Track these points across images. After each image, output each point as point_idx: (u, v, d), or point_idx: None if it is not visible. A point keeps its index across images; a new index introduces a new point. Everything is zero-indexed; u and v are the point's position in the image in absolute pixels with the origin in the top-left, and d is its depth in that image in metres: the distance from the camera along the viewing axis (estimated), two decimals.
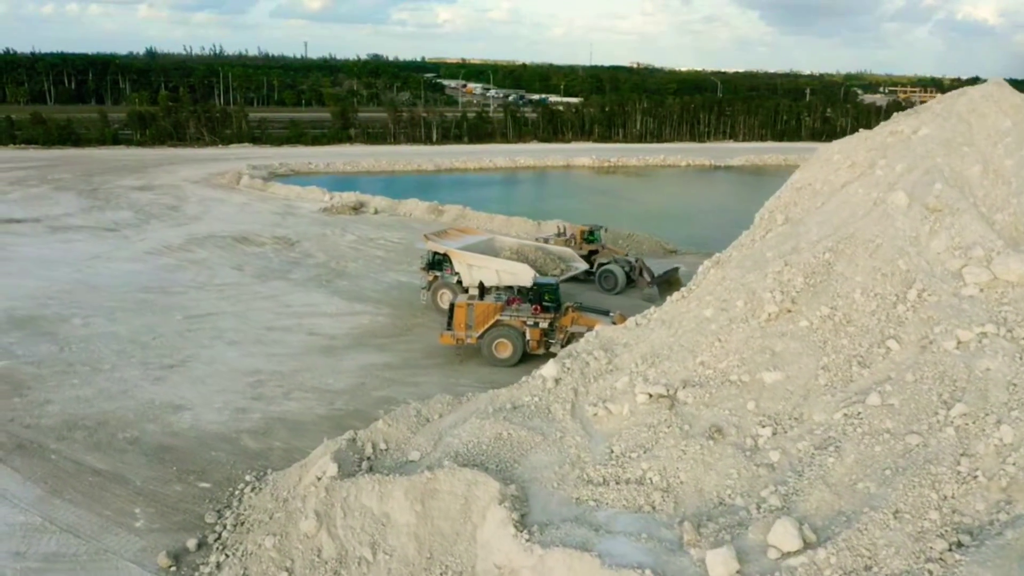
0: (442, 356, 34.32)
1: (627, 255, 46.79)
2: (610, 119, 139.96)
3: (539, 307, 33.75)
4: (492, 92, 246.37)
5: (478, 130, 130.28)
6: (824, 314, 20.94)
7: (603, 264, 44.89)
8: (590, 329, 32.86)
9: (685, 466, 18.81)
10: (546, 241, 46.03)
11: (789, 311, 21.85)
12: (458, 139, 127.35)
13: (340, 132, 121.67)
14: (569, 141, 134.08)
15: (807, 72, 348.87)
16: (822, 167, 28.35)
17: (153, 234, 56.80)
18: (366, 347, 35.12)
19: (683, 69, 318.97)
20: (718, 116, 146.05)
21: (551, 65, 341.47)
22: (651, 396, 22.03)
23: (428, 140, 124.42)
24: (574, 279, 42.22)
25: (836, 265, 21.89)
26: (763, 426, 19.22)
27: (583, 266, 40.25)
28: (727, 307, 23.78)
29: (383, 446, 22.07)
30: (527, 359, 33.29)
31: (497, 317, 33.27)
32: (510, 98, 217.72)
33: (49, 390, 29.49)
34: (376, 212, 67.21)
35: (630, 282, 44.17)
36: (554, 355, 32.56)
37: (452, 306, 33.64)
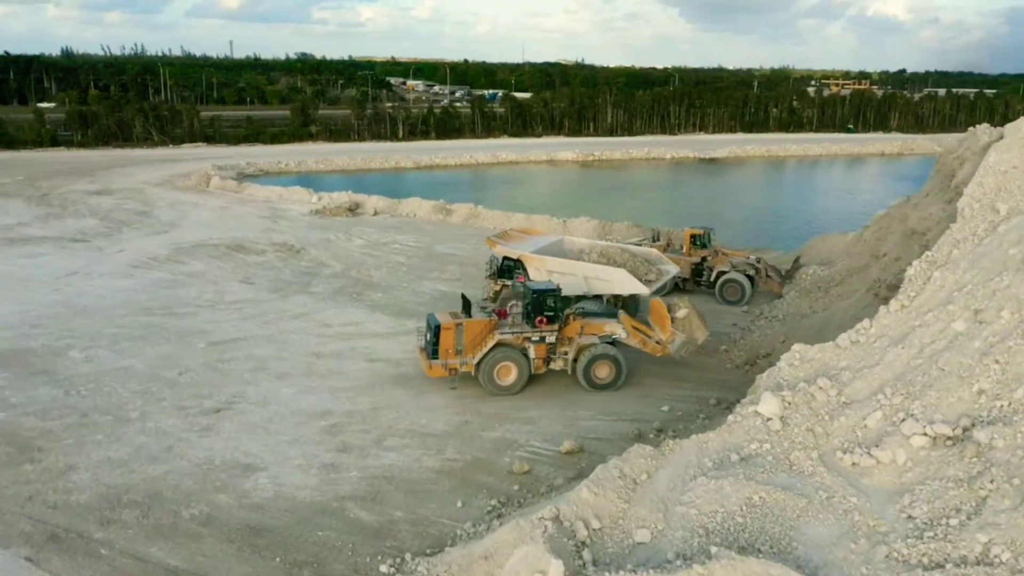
0: (541, 381, 28.50)
1: (747, 257, 40.96)
2: (580, 113, 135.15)
3: (544, 318, 27.69)
4: (437, 88, 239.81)
5: (446, 125, 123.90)
6: None
7: (723, 273, 39.21)
8: (604, 337, 28.17)
9: None
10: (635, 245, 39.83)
11: None
12: (425, 135, 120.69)
13: (300, 129, 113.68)
14: (540, 136, 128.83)
15: (731, 68, 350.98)
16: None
17: (130, 244, 49.15)
18: (436, 383, 28.75)
19: (612, 66, 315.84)
20: (688, 108, 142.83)
21: (485, 63, 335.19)
22: (933, 438, 16.87)
23: (394, 136, 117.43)
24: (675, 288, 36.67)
25: None
26: None
27: (674, 269, 34.83)
28: (986, 319, 18.77)
29: (596, 524, 16.28)
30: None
31: (496, 336, 27.14)
32: (456, 94, 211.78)
33: (68, 451, 22.62)
34: (376, 213, 60.64)
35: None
36: (556, 371, 27.63)
37: (437, 329, 26.92)
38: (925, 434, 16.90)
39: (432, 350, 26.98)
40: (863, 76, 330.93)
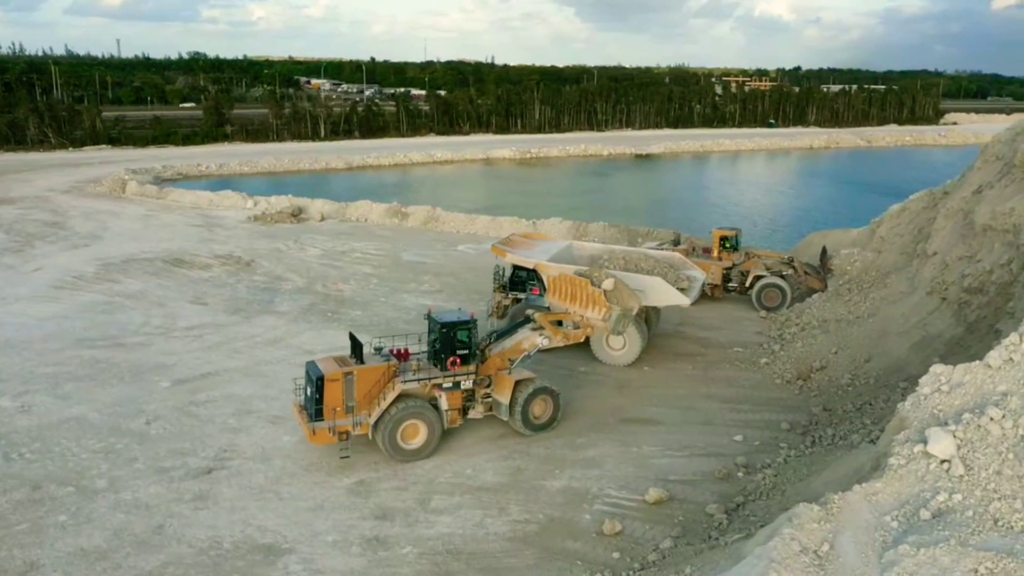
0: (583, 414, 24.63)
1: (782, 258, 37.56)
2: (508, 110, 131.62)
3: (457, 359, 21.84)
4: (345, 87, 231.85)
5: (370, 124, 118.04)
6: None
7: (760, 277, 35.59)
8: (525, 356, 23.16)
9: None
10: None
11: None
12: (348, 134, 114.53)
13: (215, 130, 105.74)
14: (467, 133, 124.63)
15: (629, 66, 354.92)
16: None
17: (47, 260, 42.43)
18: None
19: (514, 64, 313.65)
20: (615, 105, 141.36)
21: (391, 62, 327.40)
22: None
23: (316, 136, 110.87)
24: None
25: None
26: None
27: (701, 275, 31.44)
28: None
29: None
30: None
31: (397, 386, 21.02)
32: (366, 93, 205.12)
33: (24, 542, 17.33)
34: (323, 219, 55.23)
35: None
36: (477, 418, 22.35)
37: (320, 382, 20.54)
38: None
39: (315, 409, 20.63)
40: (761, 73, 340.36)
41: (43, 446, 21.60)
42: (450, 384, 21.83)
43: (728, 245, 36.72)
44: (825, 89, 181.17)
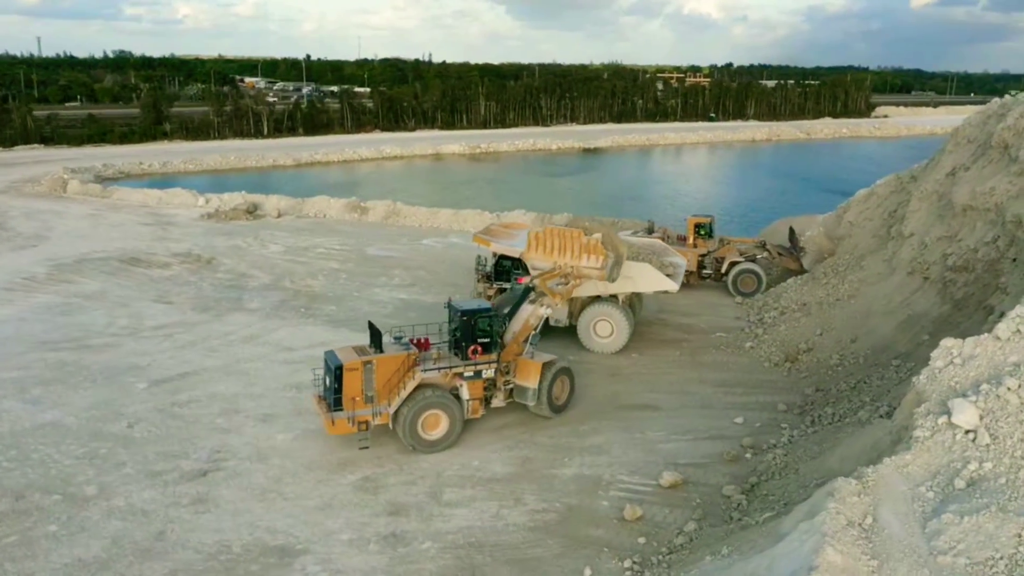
0: (581, 402, 24.32)
1: (756, 243, 37.77)
2: (453, 105, 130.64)
3: (479, 347, 21.66)
4: (280, 86, 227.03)
5: (313, 121, 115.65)
6: None
7: (736, 263, 35.75)
8: (535, 333, 23.04)
9: None
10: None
11: None
12: (292, 131, 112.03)
13: (153, 128, 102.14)
14: (413, 130, 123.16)
15: (565, 63, 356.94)
16: None
17: None
18: None
19: (450, 62, 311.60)
20: (559, 100, 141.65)
21: (322, 60, 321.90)
22: None
23: (259, 134, 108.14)
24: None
25: None
26: None
27: (682, 261, 31.46)
28: None
29: None
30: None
31: (417, 375, 20.65)
32: (304, 91, 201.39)
33: (15, 555, 16.20)
34: (279, 215, 53.73)
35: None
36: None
37: (339, 371, 20.10)
38: None
39: (334, 399, 20.20)
40: (694, 70, 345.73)
41: (20, 453, 20.29)
42: (471, 373, 21.48)
43: (703, 232, 36.90)
44: (763, 84, 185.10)
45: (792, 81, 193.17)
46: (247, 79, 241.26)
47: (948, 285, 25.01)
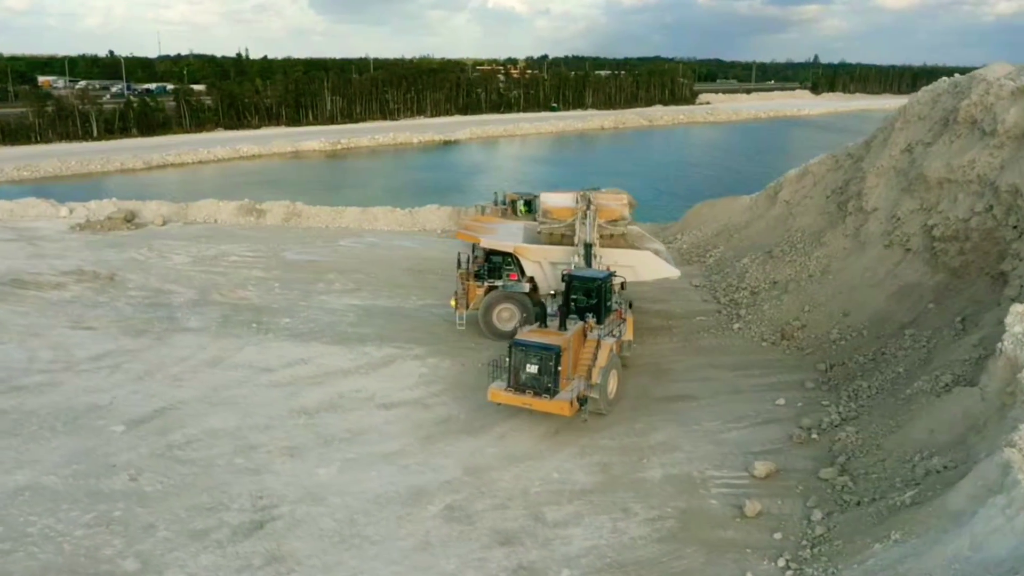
0: (636, 396, 23.27)
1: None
2: (298, 100, 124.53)
3: (619, 310, 25.44)
4: (82, 84, 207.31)
5: (148, 120, 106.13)
6: None
7: None
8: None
9: None
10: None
11: None
12: (124, 132, 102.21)
13: None
14: (257, 127, 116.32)
15: (377, 58, 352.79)
16: None
17: None
18: (493, 417, 22.08)
19: (255, 57, 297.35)
20: (405, 93, 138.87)
21: (131, 56, 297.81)
22: None
23: (88, 135, 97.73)
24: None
25: None
26: None
27: (663, 248, 30.97)
28: None
29: None
30: None
31: (606, 343, 21.96)
32: (114, 88, 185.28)
33: None
34: (164, 223, 48.37)
35: None
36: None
37: (555, 355, 20.10)
38: None
39: (548, 385, 20.09)
40: (511, 62, 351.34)
41: (9, 529, 16.44)
42: (617, 334, 23.52)
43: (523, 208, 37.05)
44: (599, 74, 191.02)
45: (623, 72, 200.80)
46: (41, 78, 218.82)
47: (939, 255, 26.17)
